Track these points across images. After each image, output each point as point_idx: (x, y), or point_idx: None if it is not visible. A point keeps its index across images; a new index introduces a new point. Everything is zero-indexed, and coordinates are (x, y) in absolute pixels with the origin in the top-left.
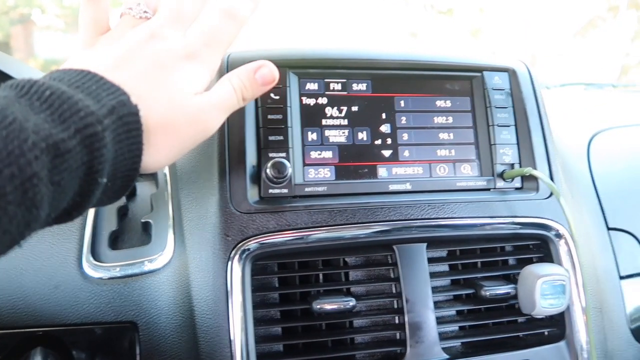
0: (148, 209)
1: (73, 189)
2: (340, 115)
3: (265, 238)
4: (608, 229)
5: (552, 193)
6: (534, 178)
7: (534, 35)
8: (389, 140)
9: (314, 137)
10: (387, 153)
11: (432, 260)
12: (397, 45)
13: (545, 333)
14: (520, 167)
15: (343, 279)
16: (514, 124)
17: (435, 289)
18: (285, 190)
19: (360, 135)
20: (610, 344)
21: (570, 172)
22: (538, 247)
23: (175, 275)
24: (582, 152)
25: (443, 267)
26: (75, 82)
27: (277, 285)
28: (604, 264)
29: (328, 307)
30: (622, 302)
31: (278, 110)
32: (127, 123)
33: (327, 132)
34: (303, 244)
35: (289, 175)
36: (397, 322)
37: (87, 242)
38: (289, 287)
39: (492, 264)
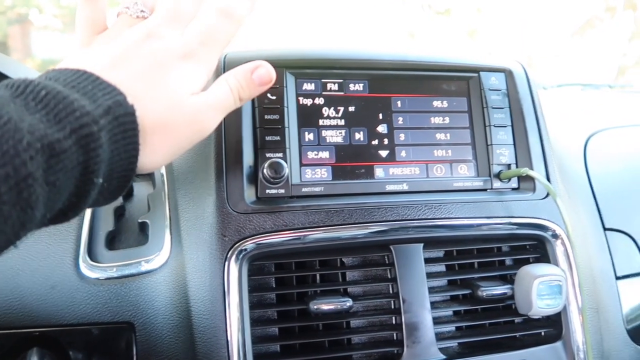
0: (145, 209)
1: (69, 190)
2: (337, 116)
3: (262, 238)
4: (604, 230)
5: (548, 193)
6: (531, 178)
7: (531, 36)
8: (386, 141)
9: (311, 137)
10: (384, 153)
11: (429, 261)
12: (394, 46)
13: (542, 333)
14: (517, 167)
15: (340, 280)
16: (511, 125)
17: (432, 290)
18: (282, 191)
19: (357, 136)
20: (607, 344)
21: (567, 172)
22: (535, 247)
23: (172, 276)
24: (578, 152)
25: (440, 267)
26: (71, 82)
27: (274, 286)
28: (601, 265)
29: (325, 307)
30: (618, 302)
31: (275, 111)
32: (123, 123)
33: (324, 132)
34: (300, 244)
35: (286, 176)
36: (394, 322)
37: (83, 242)
38: (286, 287)
39: (488, 265)
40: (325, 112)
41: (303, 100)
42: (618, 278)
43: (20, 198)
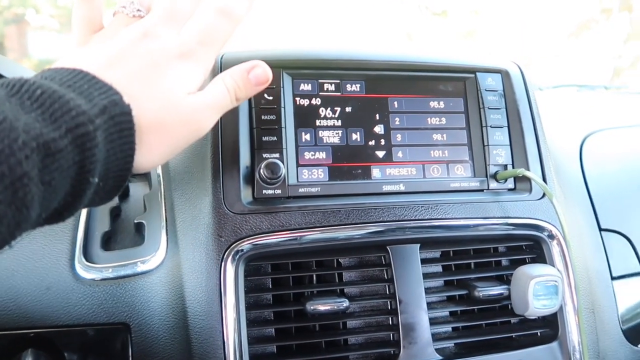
0: (141, 210)
1: (64, 189)
2: (334, 116)
3: (259, 239)
4: (600, 230)
5: (544, 194)
6: (527, 179)
7: (527, 37)
8: (383, 141)
9: (308, 137)
10: (380, 154)
11: (425, 261)
12: (390, 46)
13: (538, 334)
14: (513, 168)
15: (336, 280)
16: (507, 125)
17: (429, 290)
18: (279, 191)
19: (354, 136)
20: (603, 345)
21: (563, 173)
22: (531, 247)
23: (168, 277)
24: (574, 153)
25: (436, 267)
26: (67, 81)
27: (270, 287)
28: (596, 265)
29: (321, 308)
30: (614, 302)
31: (272, 111)
32: (119, 123)
33: (320, 132)
34: (297, 245)
35: (283, 176)
36: (390, 323)
37: (79, 243)
38: (283, 288)
39: (485, 265)
40: (322, 112)
41: (300, 101)
42: (614, 278)
43: (16, 197)
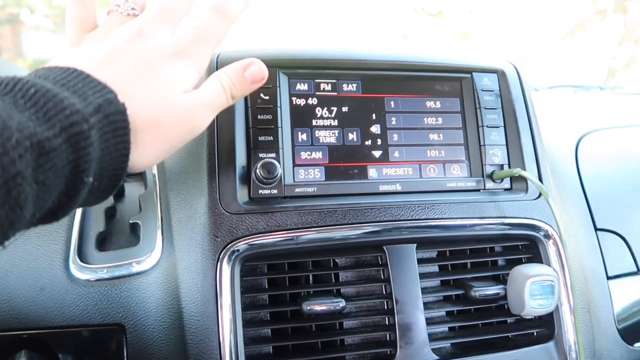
0: (136, 210)
1: (58, 189)
2: (330, 116)
3: (255, 239)
4: (596, 230)
5: (540, 194)
6: (523, 179)
7: (523, 38)
8: (379, 141)
9: (304, 137)
10: (377, 154)
11: (422, 261)
12: (387, 46)
13: (534, 333)
14: (510, 168)
15: (333, 280)
16: (503, 125)
17: (425, 290)
18: (275, 191)
19: (351, 136)
20: (598, 344)
21: (559, 173)
22: (527, 247)
23: (164, 277)
24: (570, 153)
25: (433, 267)
26: (61, 79)
27: (266, 287)
28: (592, 265)
29: (318, 308)
30: (609, 302)
31: (268, 111)
32: (114, 122)
33: (317, 132)
34: (293, 245)
35: (279, 176)
36: (387, 323)
37: (74, 243)
38: (279, 288)
39: (481, 265)
40: (319, 112)
41: (296, 101)
42: (609, 278)
43: (9, 197)
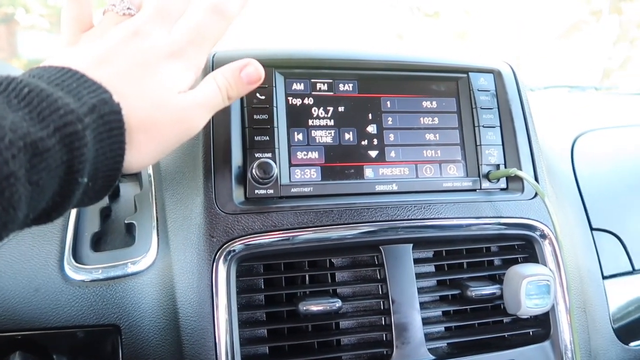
0: (131, 210)
1: (52, 189)
2: (327, 116)
3: (251, 239)
4: (591, 230)
5: (536, 194)
6: (519, 179)
7: (519, 38)
8: (376, 141)
9: (300, 137)
10: (373, 154)
11: (418, 261)
12: (383, 46)
13: (530, 333)
14: (506, 167)
15: (329, 280)
16: (499, 125)
17: (422, 290)
18: (271, 191)
19: (347, 136)
20: (594, 343)
21: (555, 173)
22: (523, 247)
23: (159, 277)
24: (566, 153)
25: (429, 267)
26: (55, 79)
27: (262, 287)
28: (588, 264)
29: (314, 308)
30: (605, 301)
31: (264, 110)
32: (108, 122)
33: (313, 132)
34: (289, 245)
35: (275, 176)
36: (383, 323)
37: (68, 243)
38: (275, 288)
39: (477, 265)
40: (315, 112)
41: (292, 100)
42: (605, 277)
43: (2, 198)
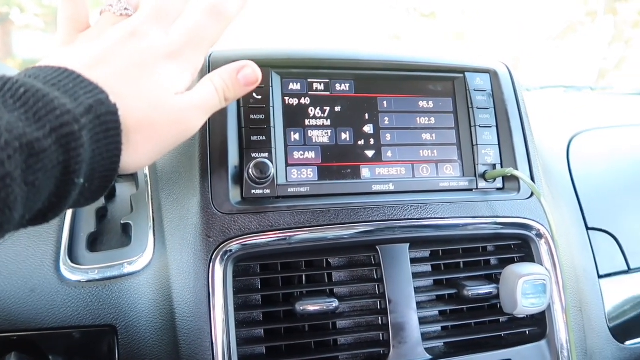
0: (128, 210)
1: (48, 190)
2: (323, 116)
3: (248, 239)
4: (587, 229)
5: (533, 193)
6: (515, 178)
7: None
8: (372, 141)
9: (297, 137)
10: (370, 153)
11: (415, 261)
12: (380, 46)
13: (527, 332)
14: (502, 167)
15: (326, 280)
16: (496, 125)
17: (418, 290)
18: (268, 191)
19: (344, 136)
20: (590, 342)
21: (551, 172)
22: (519, 247)
23: (156, 278)
24: (562, 153)
25: (426, 267)
26: (51, 79)
27: (259, 287)
28: (584, 264)
29: (311, 308)
30: (601, 301)
31: (260, 110)
32: (105, 122)
33: (310, 132)
34: (286, 245)
35: (272, 176)
36: (380, 323)
37: (64, 244)
38: (272, 288)
39: (474, 264)
40: (312, 112)
41: (289, 100)
42: (600, 277)
43: None
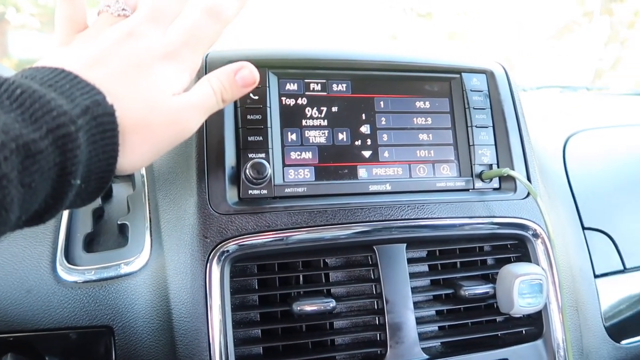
0: (124, 211)
1: (45, 191)
2: (320, 116)
3: (245, 239)
4: (583, 229)
5: (529, 193)
6: (512, 178)
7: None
8: (369, 141)
9: (294, 137)
10: (367, 154)
11: (412, 261)
12: (377, 46)
13: (523, 332)
14: (498, 167)
15: (323, 280)
16: (492, 125)
17: (415, 290)
18: (265, 191)
19: (340, 136)
20: (586, 342)
21: (547, 172)
22: (516, 246)
23: (153, 278)
24: (558, 153)
25: (423, 267)
26: (48, 80)
27: (256, 287)
28: (580, 263)
29: (308, 308)
30: (597, 300)
31: (257, 111)
32: (102, 123)
33: (307, 132)
34: (283, 245)
35: (269, 176)
36: (377, 322)
37: (61, 244)
38: (269, 289)
39: (471, 264)
40: (308, 112)
41: (286, 101)
42: (596, 276)
43: None
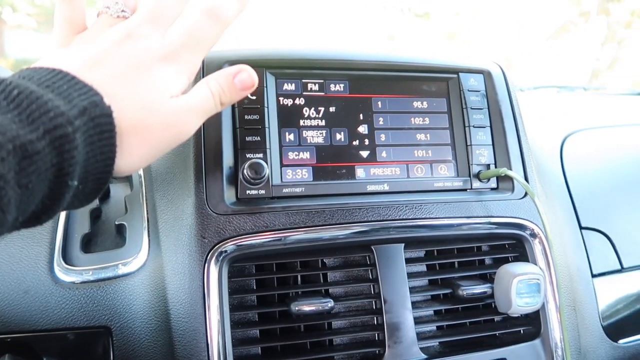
0: (122, 211)
1: (42, 192)
2: (318, 116)
3: (243, 240)
4: (581, 228)
5: (526, 193)
6: (509, 178)
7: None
8: (367, 141)
9: (292, 137)
10: (364, 154)
11: (410, 261)
12: (374, 47)
13: (521, 331)
14: (496, 167)
15: (321, 281)
16: (490, 125)
17: (413, 289)
18: (263, 192)
19: (338, 136)
20: (584, 341)
21: (544, 172)
22: (513, 246)
23: (150, 279)
24: (555, 153)
25: (421, 267)
26: (46, 81)
27: (254, 288)
28: (577, 263)
29: (306, 308)
30: (594, 300)
31: (255, 111)
32: (99, 124)
33: (304, 132)
34: (281, 246)
35: (267, 176)
36: (375, 322)
37: (58, 245)
38: (267, 289)
39: (468, 264)
40: (306, 112)
41: (283, 101)
42: (594, 276)
43: None
